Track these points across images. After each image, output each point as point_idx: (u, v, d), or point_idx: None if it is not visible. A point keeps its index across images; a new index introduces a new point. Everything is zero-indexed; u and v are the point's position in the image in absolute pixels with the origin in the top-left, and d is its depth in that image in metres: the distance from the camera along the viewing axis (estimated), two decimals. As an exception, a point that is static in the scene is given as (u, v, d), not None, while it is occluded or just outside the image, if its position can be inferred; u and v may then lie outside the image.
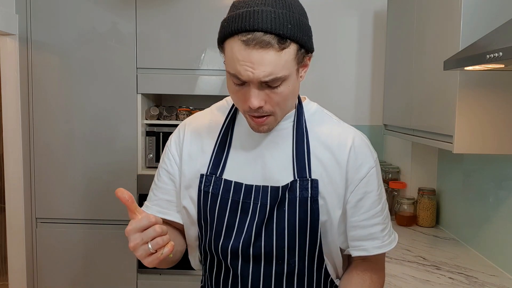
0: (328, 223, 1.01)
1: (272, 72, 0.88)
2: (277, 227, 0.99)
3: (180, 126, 1.13)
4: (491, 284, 1.60)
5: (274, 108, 0.94)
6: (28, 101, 2.49)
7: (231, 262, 1.02)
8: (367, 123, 2.82)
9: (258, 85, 0.90)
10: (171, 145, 1.11)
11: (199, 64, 2.49)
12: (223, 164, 1.04)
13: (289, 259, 1.01)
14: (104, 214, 2.52)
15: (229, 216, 1.01)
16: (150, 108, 2.62)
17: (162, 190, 1.11)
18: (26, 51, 2.45)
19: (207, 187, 1.02)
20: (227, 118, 1.08)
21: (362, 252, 1.04)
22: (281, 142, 1.04)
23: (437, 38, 1.72)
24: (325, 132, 1.05)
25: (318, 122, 1.07)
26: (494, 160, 1.79)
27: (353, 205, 1.02)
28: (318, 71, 2.77)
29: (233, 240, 1.00)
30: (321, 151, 1.02)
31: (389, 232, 1.07)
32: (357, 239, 1.04)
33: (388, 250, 1.05)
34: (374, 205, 1.03)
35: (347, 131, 1.07)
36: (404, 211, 2.30)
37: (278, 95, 0.92)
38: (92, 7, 2.44)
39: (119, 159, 2.51)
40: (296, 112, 1.05)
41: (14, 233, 2.52)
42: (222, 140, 1.06)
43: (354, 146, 1.03)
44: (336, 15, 2.75)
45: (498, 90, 1.51)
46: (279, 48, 0.87)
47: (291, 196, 0.99)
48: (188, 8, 2.46)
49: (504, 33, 1.18)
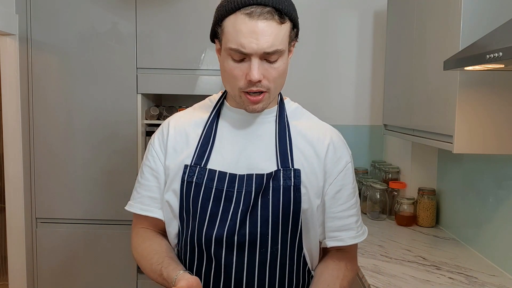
0: (309, 212, 1.06)
1: (274, 43, 0.95)
2: (261, 214, 1.02)
3: (163, 124, 1.16)
4: (491, 284, 1.60)
5: (271, 84, 1.00)
6: (28, 101, 2.49)
7: (215, 251, 1.03)
8: (367, 123, 2.82)
9: (259, 57, 0.96)
10: (154, 143, 1.14)
11: (199, 64, 2.49)
12: (208, 155, 1.07)
13: (272, 246, 1.04)
14: (104, 214, 2.52)
15: (212, 205, 1.04)
16: (150, 108, 2.62)
17: (145, 187, 1.13)
18: (26, 51, 2.45)
19: (191, 177, 1.05)
20: (212, 113, 1.12)
21: (338, 243, 1.09)
22: (264, 134, 1.09)
23: (437, 38, 1.72)
24: (305, 126, 1.11)
25: (299, 117, 1.14)
26: (494, 160, 1.79)
27: (331, 196, 1.08)
28: (318, 71, 2.78)
29: (217, 228, 1.02)
30: (301, 143, 1.08)
31: (361, 224, 1.15)
32: (334, 229, 1.09)
33: (361, 241, 1.12)
34: (349, 197, 1.10)
35: (326, 127, 1.14)
36: (404, 211, 2.30)
37: (275, 70, 0.99)
38: (92, 7, 2.44)
39: (119, 159, 2.51)
40: (278, 107, 1.11)
41: (14, 233, 2.52)
42: (207, 132, 1.09)
43: (332, 141, 1.10)
44: (336, 15, 2.75)
45: (498, 90, 1.52)
46: (279, 21, 0.95)
47: (275, 185, 1.03)
48: (188, 8, 2.46)
49: (504, 33, 1.18)
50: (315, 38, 2.76)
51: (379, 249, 1.93)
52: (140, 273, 2.57)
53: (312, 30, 2.74)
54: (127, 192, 2.50)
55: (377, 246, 1.96)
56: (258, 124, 1.10)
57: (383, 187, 2.41)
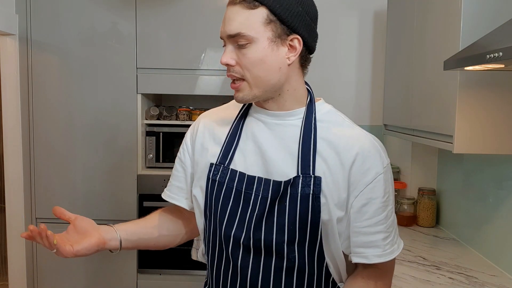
0: (330, 223, 1.01)
1: (238, 27, 0.95)
2: (277, 221, 1.00)
3: (197, 119, 1.20)
4: (491, 284, 1.60)
5: (244, 72, 0.99)
6: (28, 101, 2.49)
7: (232, 251, 1.03)
8: (367, 123, 2.82)
9: (230, 42, 0.98)
10: (186, 136, 1.19)
11: (199, 64, 2.49)
12: (232, 154, 1.07)
13: (288, 253, 1.01)
14: (104, 214, 2.52)
15: (232, 204, 1.04)
16: (150, 108, 2.62)
17: (175, 177, 1.20)
18: (26, 51, 2.45)
19: (215, 176, 1.07)
20: (240, 112, 1.12)
21: (362, 260, 1.03)
22: (287, 137, 1.05)
23: (437, 38, 1.72)
24: (334, 132, 1.04)
25: (329, 122, 1.06)
26: (494, 160, 1.79)
27: (357, 210, 1.01)
28: (318, 71, 2.77)
29: (235, 228, 1.03)
30: (326, 150, 1.02)
31: (392, 241, 1.04)
32: (359, 245, 1.03)
33: (389, 260, 1.03)
34: (377, 212, 1.01)
35: (358, 134, 1.04)
36: (404, 211, 2.30)
37: (246, 57, 0.98)
38: (92, 7, 2.44)
39: (119, 159, 2.51)
40: (306, 109, 1.05)
41: (14, 233, 2.51)
42: (233, 132, 1.10)
43: (362, 150, 1.01)
44: (336, 15, 2.75)
45: (498, 90, 1.51)
46: (248, 6, 0.95)
47: (293, 192, 0.99)
48: (188, 8, 2.46)
49: (504, 33, 1.18)
50: (315, 38, 2.76)
51: (379, 249, 1.93)
52: (140, 273, 2.57)
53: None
54: (127, 192, 2.53)
55: (377, 246, 1.96)
56: (283, 126, 1.05)
57: (383, 187, 2.41)
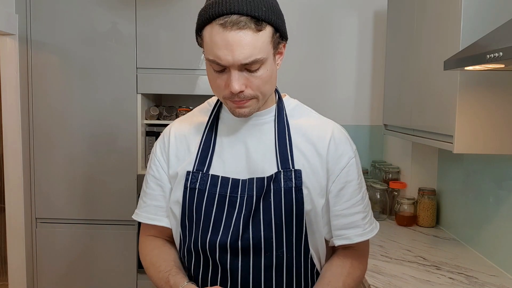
0: (313, 213, 1.04)
1: (251, 54, 0.91)
2: (264, 218, 1.01)
3: (164, 132, 1.15)
4: (491, 284, 1.60)
5: (255, 92, 0.97)
6: (28, 101, 2.49)
7: (220, 257, 1.02)
8: (367, 123, 2.82)
9: (238, 69, 0.93)
10: (156, 151, 1.13)
11: (199, 64, 2.49)
12: (209, 160, 1.06)
13: (277, 249, 1.03)
14: (104, 214, 2.52)
15: (216, 211, 1.03)
16: (150, 108, 2.62)
17: (150, 196, 1.12)
18: (26, 51, 2.45)
19: (194, 184, 1.04)
20: (211, 117, 1.11)
21: (345, 241, 1.07)
22: (263, 135, 1.07)
23: (437, 38, 1.72)
24: (305, 124, 1.09)
25: (299, 116, 1.11)
26: (494, 160, 1.79)
27: (335, 194, 1.06)
28: (318, 71, 2.78)
29: (221, 234, 1.02)
30: (302, 142, 1.06)
31: (370, 220, 1.11)
32: (340, 228, 1.07)
33: (370, 238, 1.10)
34: (354, 194, 1.08)
35: (326, 123, 1.11)
36: (404, 211, 2.30)
37: (257, 79, 0.95)
38: (92, 7, 2.44)
39: (119, 159, 2.51)
40: (276, 106, 1.09)
41: (14, 233, 2.52)
42: (207, 138, 1.08)
43: (333, 137, 1.07)
44: (336, 15, 2.75)
45: (498, 90, 1.51)
46: (256, 29, 0.90)
47: (276, 187, 1.01)
48: (188, 9, 2.46)
49: (504, 33, 1.18)
50: (315, 38, 2.76)
51: (379, 249, 1.93)
52: (140, 273, 2.57)
53: (312, 30, 2.74)
54: (127, 192, 2.53)
55: (377, 246, 1.96)
56: (257, 125, 1.08)
57: (383, 187, 2.41)
